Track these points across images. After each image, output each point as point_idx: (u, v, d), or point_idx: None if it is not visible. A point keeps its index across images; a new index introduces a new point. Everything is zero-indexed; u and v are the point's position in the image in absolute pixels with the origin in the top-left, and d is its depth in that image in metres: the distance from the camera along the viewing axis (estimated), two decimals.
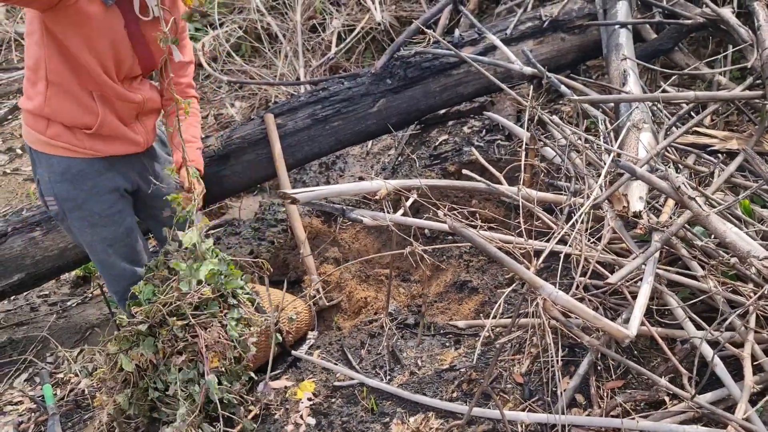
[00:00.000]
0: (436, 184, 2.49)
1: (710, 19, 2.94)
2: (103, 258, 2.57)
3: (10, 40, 5.76)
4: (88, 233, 2.52)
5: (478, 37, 3.40)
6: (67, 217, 2.50)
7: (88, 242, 2.55)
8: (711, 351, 1.92)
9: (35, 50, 2.30)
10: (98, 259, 2.59)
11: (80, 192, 2.46)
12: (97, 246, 2.55)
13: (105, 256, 2.56)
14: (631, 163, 2.05)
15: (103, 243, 2.54)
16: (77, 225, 2.51)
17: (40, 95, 2.36)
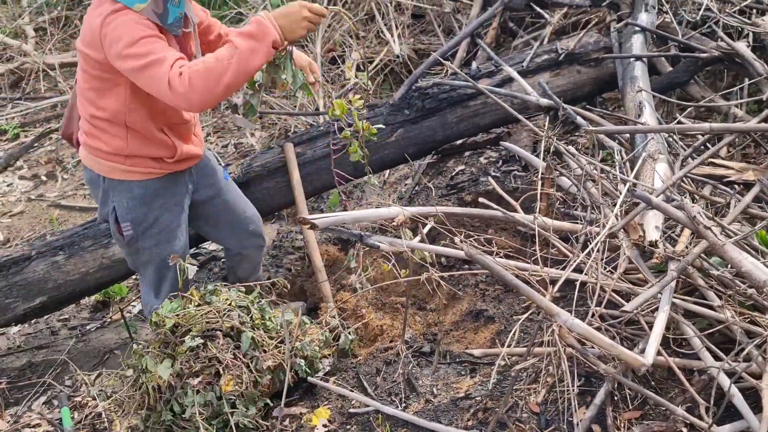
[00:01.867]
0: (452, 212, 2.52)
1: (725, 52, 2.98)
2: (164, 273, 2.68)
3: (38, 71, 5.91)
4: (160, 250, 2.64)
5: (495, 69, 3.45)
6: (140, 239, 2.61)
7: (160, 257, 2.65)
8: (728, 381, 1.91)
9: (113, 104, 2.40)
10: (161, 275, 2.70)
11: (153, 211, 2.58)
12: (167, 258, 2.63)
13: (167, 270, 2.68)
14: (646, 193, 2.06)
15: (172, 255, 2.62)
16: (149, 244, 2.62)
17: (119, 139, 2.47)
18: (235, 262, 3.07)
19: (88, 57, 2.32)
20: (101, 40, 2.22)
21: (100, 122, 2.48)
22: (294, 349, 2.59)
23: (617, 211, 2.18)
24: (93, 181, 2.62)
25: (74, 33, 6.56)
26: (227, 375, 2.43)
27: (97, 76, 2.37)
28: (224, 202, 2.86)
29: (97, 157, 2.55)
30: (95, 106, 2.45)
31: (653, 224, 2.15)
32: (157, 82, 2.14)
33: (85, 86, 2.43)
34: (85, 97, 2.47)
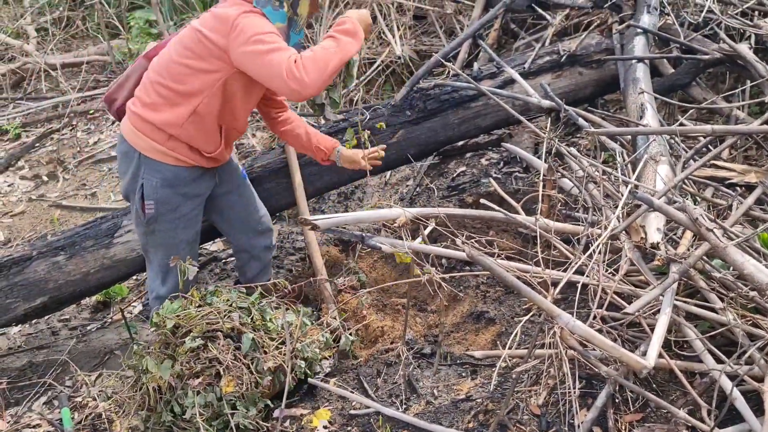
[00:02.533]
0: (454, 213, 2.52)
1: (727, 54, 2.97)
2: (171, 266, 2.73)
3: (39, 71, 5.92)
4: (175, 234, 2.75)
5: (496, 71, 3.45)
6: (159, 220, 2.70)
7: (173, 243, 2.76)
8: (730, 384, 1.90)
9: (197, 85, 2.54)
10: (165, 263, 2.75)
11: (177, 197, 2.69)
12: (179, 245, 2.76)
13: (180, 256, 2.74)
14: (648, 195, 2.06)
15: (184, 243, 2.78)
16: (166, 227, 2.72)
17: (178, 117, 2.57)
18: (244, 261, 3.12)
19: (204, 38, 2.48)
20: (230, 29, 2.43)
21: (172, 94, 2.57)
22: (295, 351, 2.59)
23: (619, 212, 2.17)
24: (127, 154, 2.69)
25: (76, 33, 6.58)
26: (228, 376, 2.43)
27: (200, 55, 2.51)
28: (239, 199, 2.98)
29: (140, 132, 2.63)
30: (176, 80, 2.55)
31: (655, 226, 2.15)
32: (276, 67, 2.36)
33: (177, 59, 2.55)
34: (172, 69, 2.57)
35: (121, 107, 2.77)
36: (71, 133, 5.53)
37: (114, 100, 2.79)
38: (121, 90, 2.78)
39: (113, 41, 5.94)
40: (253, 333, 2.53)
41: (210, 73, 2.53)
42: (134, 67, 2.78)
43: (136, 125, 2.64)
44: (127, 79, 2.77)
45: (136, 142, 2.65)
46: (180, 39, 2.61)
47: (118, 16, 6.06)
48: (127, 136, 2.67)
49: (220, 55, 2.49)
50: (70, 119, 5.63)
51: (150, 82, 2.63)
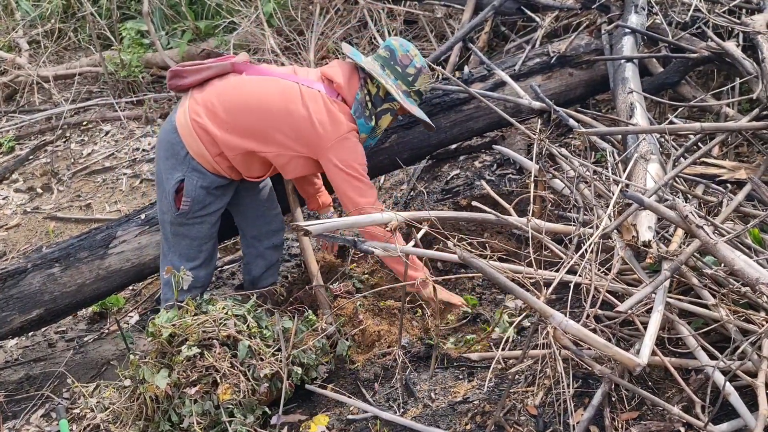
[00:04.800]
0: (445, 216, 2.52)
1: (715, 52, 2.99)
2: (194, 254, 2.91)
3: (32, 83, 5.92)
4: (201, 228, 2.89)
5: (487, 74, 3.46)
6: (190, 216, 2.84)
7: (198, 236, 2.90)
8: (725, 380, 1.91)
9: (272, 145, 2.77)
10: (191, 254, 2.91)
11: (210, 196, 2.84)
12: (203, 239, 2.92)
13: (198, 251, 2.92)
14: (639, 194, 2.07)
15: (207, 237, 2.93)
16: (194, 221, 2.87)
17: (236, 148, 2.76)
18: (251, 258, 3.20)
19: (310, 125, 2.72)
20: (336, 140, 2.74)
21: (245, 131, 2.73)
22: (291, 357, 2.59)
23: (610, 212, 2.19)
24: (174, 146, 2.78)
25: (68, 45, 6.59)
26: (224, 384, 2.43)
27: (295, 129, 2.74)
28: (259, 194, 3.10)
29: (198, 137, 2.73)
30: (257, 127, 2.73)
31: (646, 224, 2.16)
32: (356, 202, 2.77)
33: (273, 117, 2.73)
34: (262, 118, 2.73)
35: (183, 86, 2.84)
36: (65, 145, 5.54)
37: (182, 77, 2.84)
38: (195, 74, 2.83)
39: (105, 52, 5.95)
40: (249, 340, 2.53)
41: (289, 147, 2.75)
42: (218, 63, 2.84)
43: (197, 130, 2.73)
44: (206, 69, 2.83)
45: (189, 142, 2.74)
46: (285, 96, 2.74)
47: (110, 27, 6.07)
48: (182, 131, 2.75)
49: (310, 148, 2.75)
50: (64, 131, 5.64)
51: (233, 104, 2.73)
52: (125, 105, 5.67)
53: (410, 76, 2.85)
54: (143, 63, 5.86)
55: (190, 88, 2.84)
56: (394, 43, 2.87)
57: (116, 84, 5.80)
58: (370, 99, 2.84)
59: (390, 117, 2.91)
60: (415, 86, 2.87)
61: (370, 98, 2.84)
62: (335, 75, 2.81)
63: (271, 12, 5.21)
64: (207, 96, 2.77)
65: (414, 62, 2.85)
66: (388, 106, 2.87)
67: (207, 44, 5.68)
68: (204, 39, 5.88)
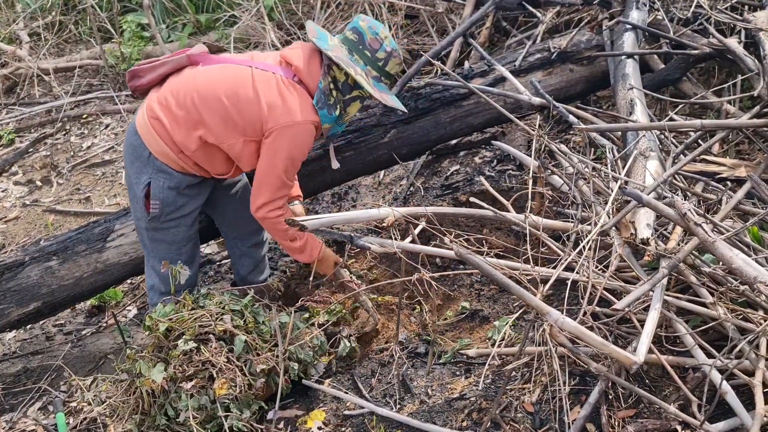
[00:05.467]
0: (442, 212, 2.51)
1: (717, 49, 2.97)
2: (175, 257, 2.80)
3: (32, 76, 5.91)
4: (177, 232, 2.81)
5: (487, 69, 3.45)
6: (162, 219, 2.75)
7: (175, 240, 2.82)
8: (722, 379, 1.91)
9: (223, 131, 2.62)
10: (170, 258, 2.79)
11: (182, 197, 2.75)
12: (181, 242, 2.84)
13: (178, 255, 2.82)
14: (637, 191, 2.06)
15: (185, 239, 2.84)
16: (169, 225, 2.78)
17: (190, 144, 2.63)
18: (236, 258, 3.17)
19: (259, 108, 2.57)
20: (284, 127, 2.58)
21: (197, 122, 2.60)
22: (287, 352, 2.58)
23: (609, 209, 2.17)
24: (137, 149, 2.70)
25: (68, 38, 6.57)
26: (221, 378, 2.43)
27: (242, 113, 2.59)
28: (237, 195, 3.03)
29: (158, 135, 2.64)
30: (209, 116, 2.60)
31: (645, 222, 2.15)
32: (269, 190, 2.65)
33: (224, 100, 2.58)
34: (212, 104, 2.59)
35: (141, 86, 2.77)
36: (65, 138, 5.53)
37: (139, 77, 2.76)
38: (151, 72, 2.75)
39: (106, 45, 5.93)
40: (246, 335, 2.53)
41: (239, 133, 2.62)
42: (173, 58, 2.74)
43: (155, 128, 2.64)
44: (162, 66, 2.74)
45: (149, 141, 2.66)
46: (236, 80, 2.61)
47: (111, 20, 6.05)
48: (141, 131, 2.67)
49: (259, 131, 2.60)
50: (64, 124, 5.63)
51: (186, 96, 2.62)
52: (125, 98, 5.66)
53: (380, 61, 2.68)
54: (144, 56, 5.83)
55: (150, 88, 2.76)
56: (362, 25, 2.67)
57: (116, 77, 5.79)
58: (336, 86, 2.68)
59: (359, 104, 2.77)
60: (385, 70, 2.71)
61: (336, 85, 2.68)
62: (293, 57, 2.64)
63: (272, 5, 5.19)
64: (162, 92, 2.66)
65: (384, 46, 2.66)
66: (357, 93, 2.72)
67: (208, 38, 5.66)
68: (205, 32, 5.87)
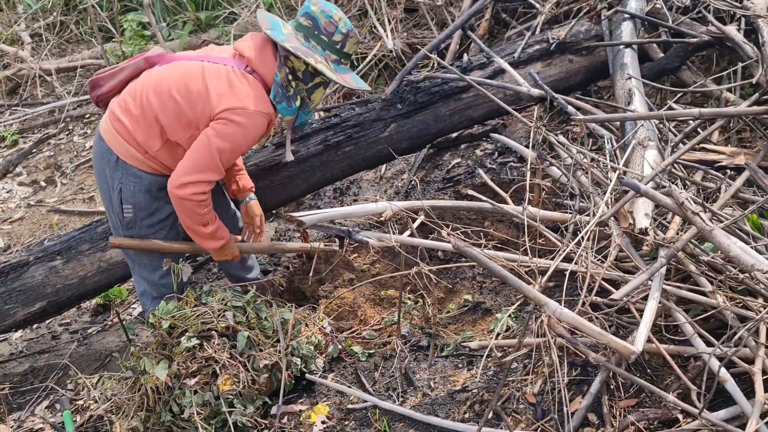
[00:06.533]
0: (440, 205, 2.52)
1: (716, 36, 2.96)
2: (158, 263, 2.75)
3: (34, 77, 5.94)
4: (156, 237, 2.76)
5: (486, 61, 3.44)
6: (138, 225, 2.71)
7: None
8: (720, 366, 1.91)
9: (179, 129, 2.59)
10: (155, 264, 2.77)
11: (156, 201, 2.69)
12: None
13: (161, 260, 2.75)
14: (635, 180, 2.06)
15: None
16: (145, 231, 2.74)
17: (152, 144, 2.61)
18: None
19: (207, 100, 2.52)
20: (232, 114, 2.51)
21: (154, 120, 2.58)
22: (289, 347, 2.60)
23: (607, 199, 2.17)
24: (103, 155, 2.68)
25: (70, 38, 6.59)
26: (224, 374, 2.44)
27: (194, 107, 2.54)
28: (213, 199, 2.91)
29: (120, 136, 2.62)
30: (165, 113, 2.57)
31: (643, 212, 2.15)
32: (193, 169, 2.53)
33: (176, 96, 2.55)
34: (166, 101, 2.56)
35: (102, 95, 2.75)
36: (68, 138, 5.55)
37: (100, 86, 2.76)
38: (110, 79, 2.74)
39: (107, 44, 5.95)
40: (249, 331, 2.54)
41: (194, 127, 2.57)
42: (131, 63, 2.73)
43: (119, 130, 2.62)
44: (120, 72, 2.73)
45: (115, 145, 2.64)
46: (187, 74, 2.58)
47: (111, 20, 6.07)
48: (106, 136, 2.66)
49: (206, 120, 2.55)
50: (67, 124, 5.66)
51: (142, 96, 2.60)
52: None
53: (338, 44, 2.63)
54: None
55: (112, 96, 2.73)
56: (315, 9, 2.61)
57: None
58: (295, 76, 2.62)
59: (323, 90, 2.72)
60: (344, 52, 2.67)
61: (295, 75, 2.62)
62: (245, 49, 2.60)
63: (271, 2, 5.19)
64: (122, 96, 2.66)
65: (339, 28, 2.61)
66: (319, 80, 2.66)
67: (208, 35, 5.68)
68: (205, 30, 5.88)
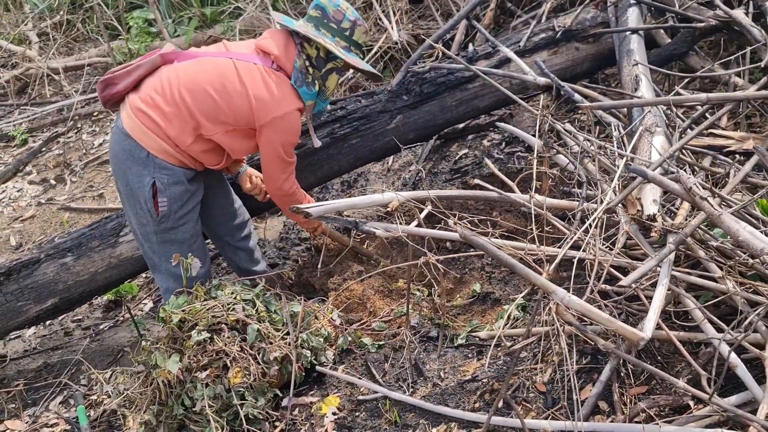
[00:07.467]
0: (446, 195, 2.51)
1: (723, 21, 2.93)
2: (186, 254, 2.74)
3: (42, 76, 5.97)
4: (186, 228, 2.82)
5: (492, 51, 3.43)
6: (171, 217, 2.76)
7: (184, 238, 2.83)
8: (732, 353, 1.90)
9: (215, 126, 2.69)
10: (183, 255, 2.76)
11: (185, 192, 2.77)
12: (191, 240, 2.85)
13: (189, 251, 2.78)
14: (642, 167, 2.05)
15: (194, 235, 2.87)
16: (178, 223, 2.79)
17: (185, 139, 2.69)
18: (229, 253, 3.20)
19: (248, 103, 2.65)
20: (273, 120, 2.69)
21: (189, 116, 2.65)
22: (299, 340, 2.61)
23: (615, 186, 2.16)
24: (132, 152, 2.69)
25: (76, 36, 6.62)
26: (235, 367, 2.45)
27: (233, 107, 2.65)
28: (221, 192, 3.07)
29: (152, 132, 2.66)
30: (201, 110, 2.65)
31: (651, 198, 2.14)
32: (278, 174, 2.84)
33: (212, 94, 2.64)
34: (201, 98, 2.64)
35: (117, 93, 2.76)
36: (77, 136, 5.59)
37: (114, 84, 2.76)
38: (126, 77, 2.75)
39: (113, 42, 5.97)
40: (259, 324, 2.55)
41: (229, 123, 2.68)
42: (146, 60, 2.75)
43: (148, 125, 2.66)
44: (136, 69, 2.74)
45: (146, 141, 2.67)
46: (220, 72, 2.66)
47: (117, 17, 6.09)
48: (134, 132, 2.68)
49: (250, 123, 2.69)
50: (75, 122, 5.69)
51: (172, 92, 2.65)
52: None
53: (346, 31, 2.77)
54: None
55: (125, 95, 2.76)
56: (323, 1, 2.76)
57: None
58: (311, 63, 2.76)
59: (336, 76, 2.85)
60: (353, 39, 2.80)
61: (311, 62, 2.76)
62: (270, 47, 2.72)
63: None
64: (144, 94, 2.68)
65: (347, 16, 2.76)
66: (332, 65, 2.80)
67: (213, 30, 5.68)
68: (210, 25, 5.89)
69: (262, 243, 3.93)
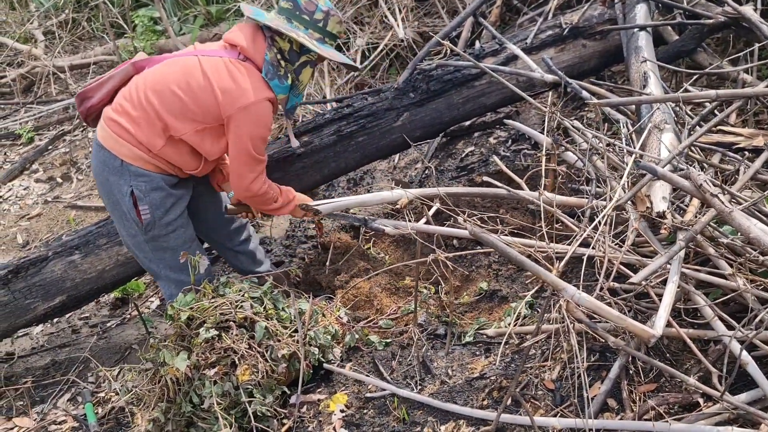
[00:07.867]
0: (455, 192, 2.51)
1: (732, 17, 2.92)
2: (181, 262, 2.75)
3: (48, 74, 5.98)
4: (174, 237, 2.78)
5: (499, 48, 3.42)
6: (157, 224, 2.72)
7: (176, 245, 2.78)
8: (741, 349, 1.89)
9: (184, 125, 2.63)
10: (176, 264, 2.77)
11: (168, 198, 2.72)
12: (184, 245, 2.79)
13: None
14: (652, 164, 2.04)
15: (187, 240, 2.82)
16: (166, 230, 2.75)
17: (156, 143, 2.64)
18: (230, 257, 3.18)
19: (212, 94, 2.59)
20: (239, 110, 2.59)
21: (156, 118, 2.61)
22: (307, 337, 2.61)
23: (624, 183, 2.16)
24: (106, 163, 2.67)
25: (82, 35, 6.63)
26: (243, 365, 2.46)
27: (198, 102, 2.61)
28: (213, 199, 3.04)
29: (123, 140, 2.63)
30: (167, 109, 2.60)
31: (660, 195, 2.13)
32: (244, 170, 2.69)
33: (177, 91, 2.60)
34: (167, 98, 2.60)
35: (93, 107, 2.76)
36: (83, 134, 5.59)
37: (89, 98, 2.76)
38: (99, 89, 2.75)
39: (119, 40, 5.98)
40: (266, 322, 2.56)
41: (198, 122, 2.63)
42: (118, 70, 2.75)
43: (119, 133, 2.64)
44: (109, 81, 2.74)
45: (118, 149, 2.64)
46: (185, 70, 2.62)
47: (123, 15, 6.10)
48: (106, 142, 2.66)
49: (218, 118, 2.62)
50: (81, 120, 5.69)
51: (139, 97, 2.62)
52: None
53: (320, 22, 2.69)
54: (156, 50, 5.88)
55: (101, 109, 2.74)
56: None
57: None
58: (283, 56, 2.70)
59: (310, 69, 2.78)
60: (327, 30, 2.72)
61: (283, 55, 2.70)
62: (237, 39, 2.67)
63: None
64: (116, 103, 2.68)
65: (320, 6, 2.68)
66: (305, 58, 2.73)
67: (219, 29, 5.68)
68: (216, 24, 5.89)
69: (268, 241, 3.93)
